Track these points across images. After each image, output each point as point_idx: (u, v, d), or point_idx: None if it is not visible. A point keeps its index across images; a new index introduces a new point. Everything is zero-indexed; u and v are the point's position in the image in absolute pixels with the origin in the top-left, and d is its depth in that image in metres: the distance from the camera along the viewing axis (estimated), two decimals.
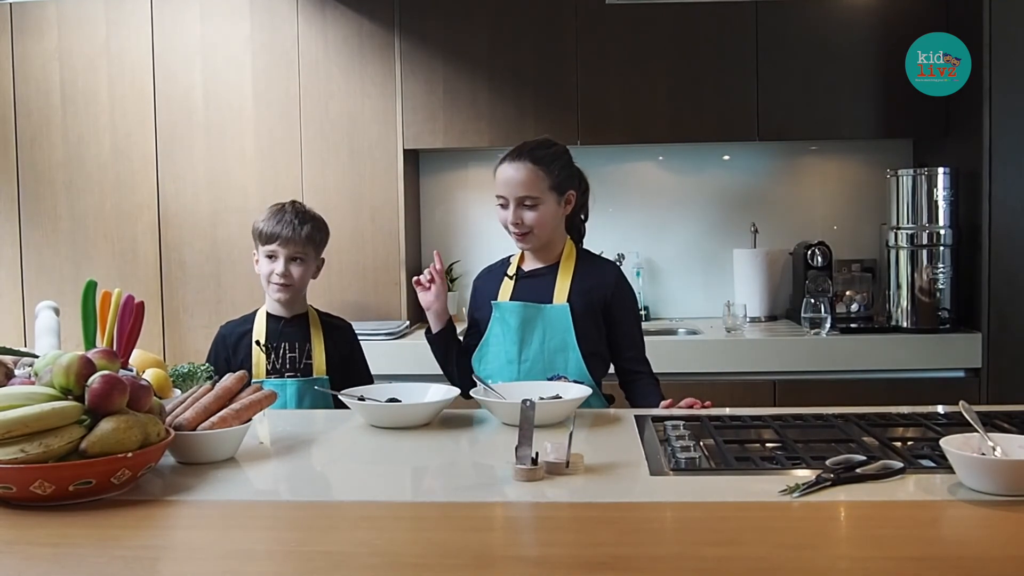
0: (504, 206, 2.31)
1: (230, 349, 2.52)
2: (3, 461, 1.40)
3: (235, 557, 1.27)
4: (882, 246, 3.59)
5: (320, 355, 2.50)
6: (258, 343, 2.49)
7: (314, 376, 2.47)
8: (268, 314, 2.55)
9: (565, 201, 2.34)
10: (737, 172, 3.95)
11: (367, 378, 2.55)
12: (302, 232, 2.48)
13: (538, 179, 2.28)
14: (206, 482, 1.58)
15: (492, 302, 2.35)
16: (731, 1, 3.50)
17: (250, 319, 2.56)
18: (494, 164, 2.43)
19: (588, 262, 2.38)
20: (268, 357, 2.47)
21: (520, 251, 2.42)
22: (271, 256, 2.48)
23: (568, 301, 2.28)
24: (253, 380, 2.40)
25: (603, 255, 2.59)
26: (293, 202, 2.56)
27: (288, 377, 2.46)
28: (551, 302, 2.29)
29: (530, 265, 2.38)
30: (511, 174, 2.29)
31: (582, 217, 2.45)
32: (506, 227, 2.33)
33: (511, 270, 2.40)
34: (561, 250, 2.36)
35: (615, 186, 3.92)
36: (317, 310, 2.59)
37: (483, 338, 2.35)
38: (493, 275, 2.44)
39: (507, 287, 2.37)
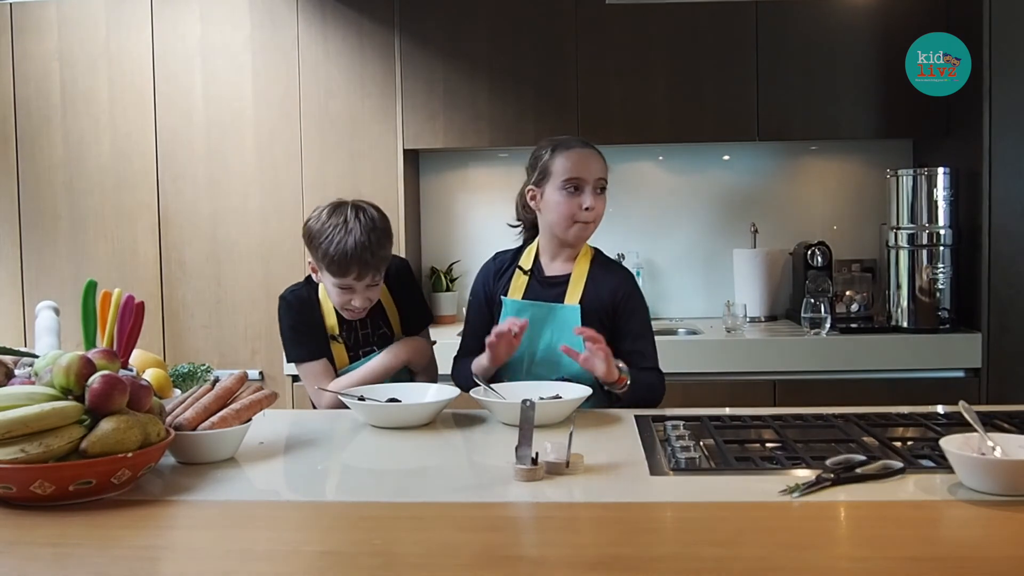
0: (576, 190, 2.22)
1: (306, 317, 2.32)
2: (3, 461, 1.40)
3: (235, 557, 1.27)
4: (882, 246, 3.59)
5: (394, 315, 2.38)
6: (334, 337, 2.32)
7: (393, 342, 2.36)
8: None
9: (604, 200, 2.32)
10: (737, 172, 3.95)
11: (425, 315, 2.46)
12: (377, 255, 2.20)
13: (606, 167, 2.29)
14: (206, 482, 1.59)
15: (502, 297, 2.31)
16: (731, 1, 3.50)
17: (314, 296, 2.32)
18: (493, 165, 2.42)
19: (602, 266, 2.31)
20: (345, 346, 2.32)
21: (536, 245, 2.34)
22: (344, 288, 2.22)
23: (580, 303, 2.23)
24: (338, 370, 2.30)
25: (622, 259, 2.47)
26: (356, 211, 2.23)
27: (365, 355, 2.33)
28: (563, 302, 2.25)
29: (550, 268, 2.31)
30: (589, 159, 2.25)
31: None
32: (566, 218, 2.22)
33: (525, 263, 2.33)
34: (579, 250, 2.31)
35: (615, 186, 3.85)
36: None
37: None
38: (509, 264, 2.36)
39: (519, 283, 2.30)
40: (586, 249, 2.32)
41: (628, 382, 2.10)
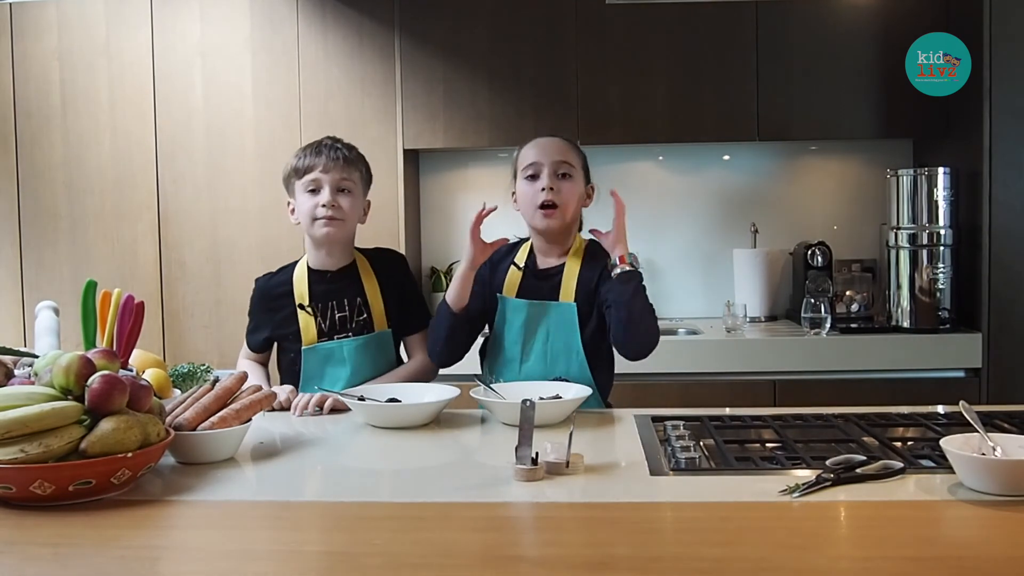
0: (534, 176, 2.22)
1: (267, 313, 2.36)
2: (3, 461, 1.40)
3: (235, 557, 1.27)
4: (882, 246, 3.59)
5: (378, 304, 2.30)
6: (301, 306, 2.28)
7: (375, 332, 2.30)
8: (310, 269, 2.32)
9: (586, 194, 2.29)
10: (737, 172, 3.95)
11: (423, 314, 2.38)
12: (348, 156, 2.27)
13: (573, 153, 2.26)
14: (206, 482, 1.59)
15: (499, 295, 2.28)
16: (731, 1, 3.50)
17: (288, 276, 2.34)
18: (493, 165, 2.41)
19: (595, 253, 2.27)
20: (315, 319, 2.28)
21: (530, 241, 2.32)
22: (313, 189, 2.25)
23: (575, 299, 2.20)
24: (304, 347, 2.29)
25: None
26: (329, 136, 2.36)
27: (338, 339, 2.28)
28: (557, 300, 2.23)
29: (544, 262, 2.29)
30: (546, 144, 2.25)
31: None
32: (530, 206, 2.21)
33: (520, 259, 2.31)
34: (572, 244, 2.28)
35: (615, 186, 3.90)
36: (363, 250, 2.39)
37: (492, 332, 2.28)
38: (504, 259, 2.33)
39: (514, 279, 2.27)
40: (580, 243, 2.29)
41: (638, 276, 2.10)
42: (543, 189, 2.20)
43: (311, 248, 2.35)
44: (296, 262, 2.40)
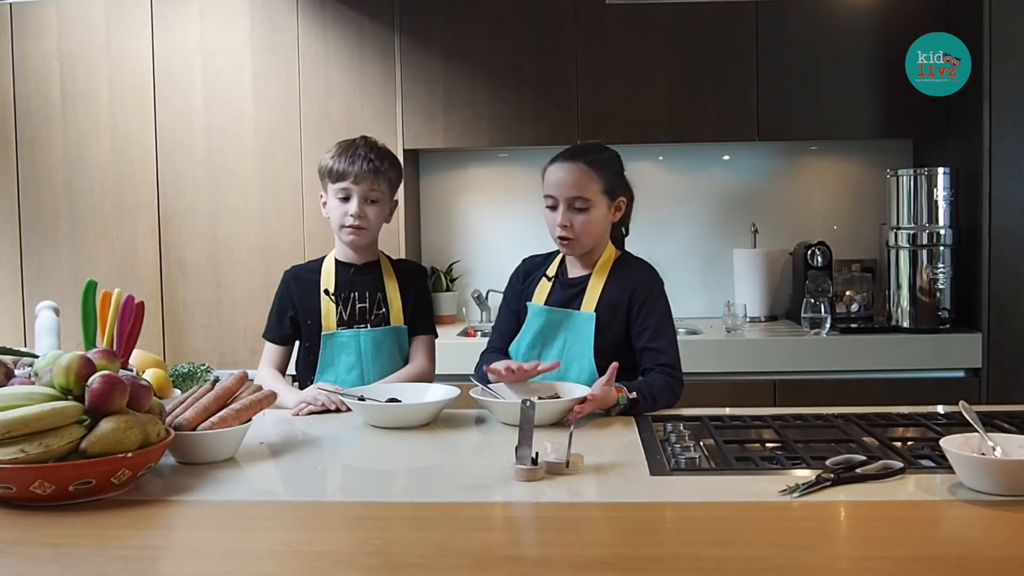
0: (553, 207, 2.23)
1: (295, 296, 2.42)
2: (3, 461, 1.40)
3: (235, 557, 1.27)
4: (882, 246, 3.59)
5: (396, 302, 2.40)
6: (327, 292, 2.38)
7: (392, 326, 2.38)
8: (337, 261, 2.43)
9: (615, 208, 2.28)
10: (737, 172, 3.95)
11: (429, 322, 2.46)
12: (379, 167, 2.33)
13: (591, 181, 2.22)
14: (206, 482, 1.59)
15: (527, 303, 2.31)
16: (731, 1, 3.50)
17: (317, 265, 2.44)
18: (493, 165, 2.42)
19: (624, 266, 2.29)
20: (336, 307, 2.37)
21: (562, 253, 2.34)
22: (344, 197, 2.34)
23: (596, 310, 2.21)
24: (323, 332, 2.36)
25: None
26: (364, 137, 2.40)
27: (357, 327, 2.36)
28: (579, 307, 2.24)
29: (573, 271, 2.31)
30: (562, 175, 2.22)
31: (624, 231, 2.40)
32: (552, 232, 2.25)
33: (551, 270, 2.34)
34: (600, 256, 2.29)
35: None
36: (390, 257, 2.50)
37: (517, 336, 2.31)
38: (537, 269, 2.37)
39: (544, 288, 2.31)
40: (611, 252, 2.30)
41: (619, 407, 2.03)
42: (558, 224, 2.22)
43: (338, 243, 2.44)
44: (325, 256, 2.47)
